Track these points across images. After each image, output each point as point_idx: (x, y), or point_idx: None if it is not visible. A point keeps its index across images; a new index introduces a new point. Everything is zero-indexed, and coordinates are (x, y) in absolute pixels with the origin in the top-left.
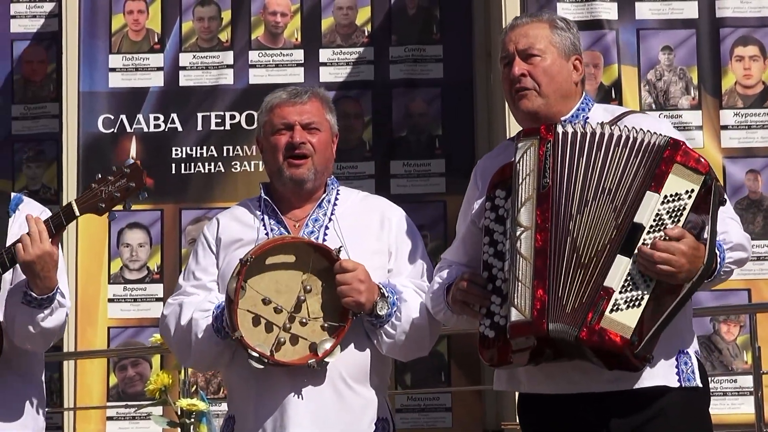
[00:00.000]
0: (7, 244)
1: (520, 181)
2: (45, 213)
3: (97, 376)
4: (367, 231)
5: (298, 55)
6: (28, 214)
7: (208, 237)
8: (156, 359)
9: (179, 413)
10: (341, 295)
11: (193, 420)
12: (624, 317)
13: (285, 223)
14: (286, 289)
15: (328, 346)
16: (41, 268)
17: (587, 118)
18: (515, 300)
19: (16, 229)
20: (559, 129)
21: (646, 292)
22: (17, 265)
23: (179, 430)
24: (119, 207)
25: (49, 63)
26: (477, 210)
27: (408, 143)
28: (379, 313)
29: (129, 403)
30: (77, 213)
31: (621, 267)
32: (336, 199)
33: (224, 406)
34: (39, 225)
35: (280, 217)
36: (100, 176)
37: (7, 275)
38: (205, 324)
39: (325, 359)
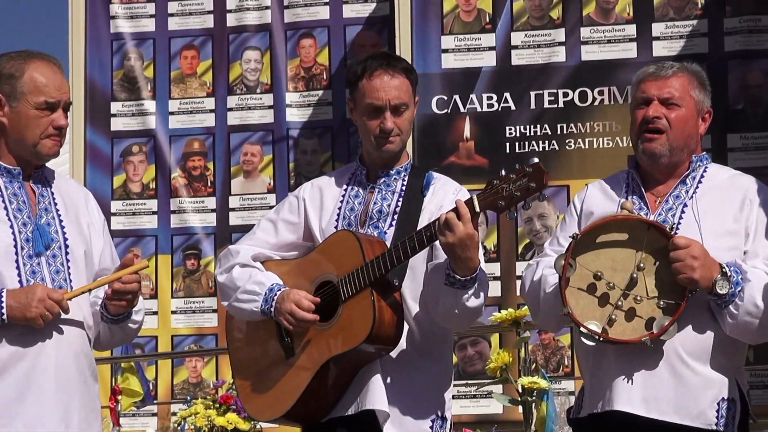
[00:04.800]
0: (419, 223)
1: None
2: (462, 192)
3: None
4: (726, 210)
5: (630, 30)
6: (458, 200)
7: (576, 203)
8: (495, 338)
9: (520, 391)
10: (676, 272)
11: (534, 398)
12: None
13: (646, 199)
14: (618, 266)
15: (665, 323)
16: (462, 250)
17: None
18: None
19: (432, 207)
20: None
21: None
22: None
23: (521, 408)
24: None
25: (381, 46)
26: None
27: (745, 115)
28: (718, 291)
29: (469, 381)
30: (477, 209)
31: None
32: (702, 176)
33: (564, 384)
34: (462, 209)
35: (642, 192)
36: (503, 173)
37: None
38: (553, 281)
39: (661, 337)
